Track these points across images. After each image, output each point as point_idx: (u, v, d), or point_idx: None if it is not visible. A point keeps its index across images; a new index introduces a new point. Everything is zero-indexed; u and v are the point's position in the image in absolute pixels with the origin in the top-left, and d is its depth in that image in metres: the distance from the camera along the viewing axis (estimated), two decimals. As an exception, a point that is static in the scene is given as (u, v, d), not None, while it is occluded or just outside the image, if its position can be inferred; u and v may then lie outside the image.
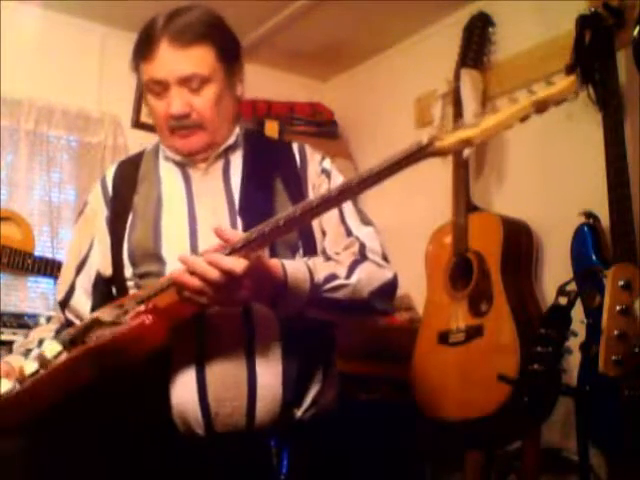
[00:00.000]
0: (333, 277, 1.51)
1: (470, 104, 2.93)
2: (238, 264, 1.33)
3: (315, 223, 1.61)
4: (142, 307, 1.40)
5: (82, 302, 1.68)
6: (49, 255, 3.14)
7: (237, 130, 1.69)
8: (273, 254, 1.52)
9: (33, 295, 3.19)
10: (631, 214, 2.23)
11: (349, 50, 3.69)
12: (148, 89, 1.62)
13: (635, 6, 2.35)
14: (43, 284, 3.18)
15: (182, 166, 1.67)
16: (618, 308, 2.11)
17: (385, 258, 1.64)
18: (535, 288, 2.70)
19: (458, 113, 2.96)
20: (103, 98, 3.48)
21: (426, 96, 3.30)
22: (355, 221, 1.66)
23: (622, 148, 2.29)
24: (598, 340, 2.10)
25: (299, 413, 1.53)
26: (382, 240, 1.67)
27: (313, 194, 1.64)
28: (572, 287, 2.04)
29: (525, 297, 2.64)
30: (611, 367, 2.07)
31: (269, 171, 1.66)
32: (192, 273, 1.34)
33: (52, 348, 1.46)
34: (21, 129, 3.27)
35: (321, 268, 1.51)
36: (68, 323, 1.68)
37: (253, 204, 1.60)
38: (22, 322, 2.69)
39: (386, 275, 1.60)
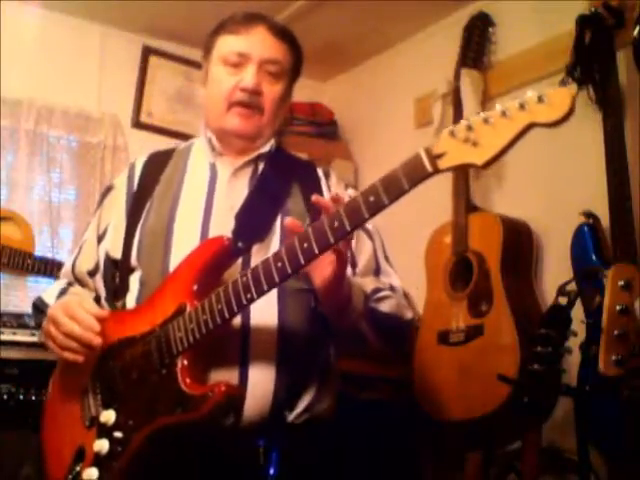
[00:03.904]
0: (378, 289, 1.59)
1: (470, 104, 2.92)
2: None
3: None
4: None
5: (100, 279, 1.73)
6: (49, 255, 3.14)
7: (272, 141, 1.73)
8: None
9: (33, 295, 3.17)
10: (631, 214, 2.23)
11: (349, 50, 3.69)
12: (222, 61, 1.65)
13: (635, 6, 2.35)
14: (43, 284, 3.17)
15: (212, 165, 1.69)
16: (618, 308, 2.11)
17: (406, 296, 1.69)
18: (535, 288, 2.70)
19: (458, 113, 2.96)
20: (103, 98, 3.49)
21: (426, 96, 3.30)
22: (383, 260, 1.70)
23: (622, 148, 2.29)
24: (598, 340, 2.09)
25: (291, 417, 1.53)
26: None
27: None
28: (572, 287, 2.04)
29: (525, 297, 2.64)
30: (611, 367, 2.07)
31: (288, 177, 1.69)
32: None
33: None
34: (21, 129, 3.27)
35: (367, 283, 1.58)
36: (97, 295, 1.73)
37: (255, 204, 1.62)
38: (22, 322, 2.69)
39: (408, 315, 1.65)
